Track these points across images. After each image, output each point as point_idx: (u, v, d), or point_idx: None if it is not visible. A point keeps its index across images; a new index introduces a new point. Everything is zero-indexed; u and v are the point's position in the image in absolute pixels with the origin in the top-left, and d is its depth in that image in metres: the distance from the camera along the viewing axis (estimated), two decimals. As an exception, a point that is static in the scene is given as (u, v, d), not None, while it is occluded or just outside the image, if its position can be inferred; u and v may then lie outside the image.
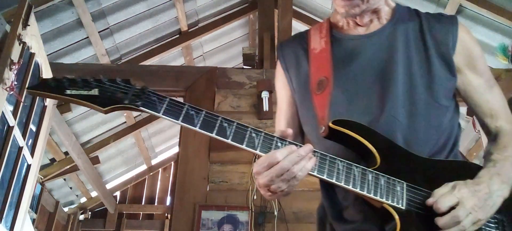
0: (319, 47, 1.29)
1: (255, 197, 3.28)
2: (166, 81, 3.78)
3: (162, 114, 1.01)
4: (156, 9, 4.64)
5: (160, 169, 7.45)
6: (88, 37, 4.35)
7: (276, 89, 1.40)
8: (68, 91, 1.00)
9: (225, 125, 1.02)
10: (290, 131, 1.04)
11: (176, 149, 6.76)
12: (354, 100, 1.18)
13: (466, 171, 1.13)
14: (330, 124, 1.10)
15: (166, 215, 6.99)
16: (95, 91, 1.01)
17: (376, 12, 1.25)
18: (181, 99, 3.74)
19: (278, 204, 3.22)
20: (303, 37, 1.36)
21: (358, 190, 1.03)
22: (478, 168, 1.14)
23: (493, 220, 1.09)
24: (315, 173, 1.01)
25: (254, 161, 3.32)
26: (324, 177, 1.02)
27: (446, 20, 1.27)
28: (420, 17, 1.28)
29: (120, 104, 1.01)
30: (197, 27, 5.24)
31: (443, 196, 1.01)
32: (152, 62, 5.01)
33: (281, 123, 1.35)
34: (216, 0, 5.12)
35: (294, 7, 4.66)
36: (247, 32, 5.90)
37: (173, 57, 5.39)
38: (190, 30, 5.18)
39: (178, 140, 4.79)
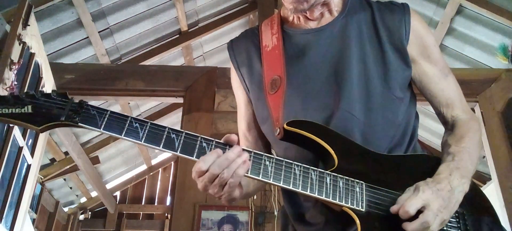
0: (271, 44, 1.25)
1: (255, 197, 3.28)
2: (166, 81, 3.78)
3: (103, 129, 0.95)
4: (156, 9, 4.64)
5: (160, 169, 7.45)
6: (88, 37, 4.34)
7: (233, 89, 1.36)
8: None
9: (173, 136, 0.97)
10: (234, 137, 0.99)
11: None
12: (308, 98, 1.15)
13: (425, 165, 1.12)
14: (285, 126, 1.07)
15: (166, 215, 6.99)
16: (28, 109, 0.94)
17: (326, 4, 1.22)
18: (181, 100, 3.69)
19: (278, 204, 3.22)
20: (255, 33, 1.33)
21: (316, 195, 0.99)
22: (437, 161, 1.13)
23: (454, 214, 1.07)
24: (270, 180, 0.98)
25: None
26: (280, 184, 0.98)
27: (398, 9, 1.24)
28: (372, 7, 1.25)
29: (56, 122, 0.95)
30: (197, 27, 5.23)
31: (409, 200, 0.98)
32: (152, 62, 5.01)
33: (242, 125, 1.32)
34: (216, 0, 5.12)
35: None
36: (247, 32, 5.90)
37: (173, 57, 5.39)
38: (190, 30, 5.18)
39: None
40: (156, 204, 7.20)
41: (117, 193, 7.14)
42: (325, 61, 1.17)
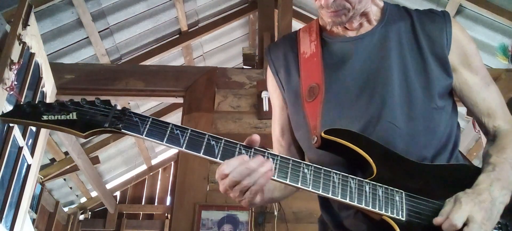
0: (309, 51, 1.24)
1: (255, 197, 3.27)
2: (166, 81, 3.78)
3: (145, 136, 0.97)
4: (156, 9, 4.64)
5: (160, 169, 7.44)
6: (88, 37, 4.35)
7: (269, 93, 1.36)
8: (45, 117, 0.96)
9: (213, 143, 0.99)
10: (256, 139, 0.99)
11: (176, 149, 6.75)
12: (347, 107, 1.14)
13: (466, 175, 1.10)
14: (323, 134, 1.06)
15: (166, 215, 6.98)
16: (73, 115, 0.97)
17: (364, 15, 1.20)
18: (181, 100, 3.70)
19: (278, 204, 3.22)
20: (293, 39, 1.31)
21: (355, 203, 0.99)
22: (477, 171, 1.11)
23: (497, 225, 1.05)
24: (309, 188, 0.98)
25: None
26: (320, 192, 0.98)
27: (439, 18, 1.22)
28: (411, 16, 1.23)
29: (100, 128, 0.97)
30: (197, 27, 5.23)
31: (453, 213, 0.97)
32: (152, 62, 5.01)
33: (276, 129, 1.31)
34: (216, 0, 5.12)
35: (294, 7, 4.66)
36: (247, 32, 5.90)
37: (173, 57, 5.39)
38: (190, 30, 5.18)
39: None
40: (156, 204, 7.20)
41: (117, 193, 7.14)
42: (364, 71, 1.16)
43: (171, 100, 4.16)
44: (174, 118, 5.96)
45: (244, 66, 4.18)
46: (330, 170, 1.01)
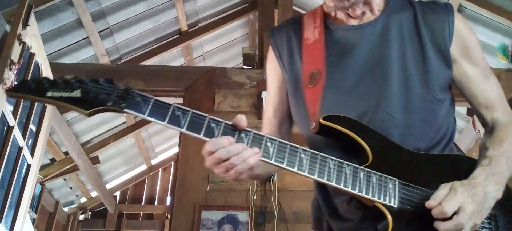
0: (312, 37, 1.25)
1: (255, 197, 3.28)
2: (166, 81, 3.78)
3: (147, 116, 0.97)
4: (156, 9, 4.64)
5: (160, 169, 7.45)
6: (88, 37, 4.35)
7: (266, 73, 1.36)
8: (49, 93, 0.95)
9: (213, 125, 1.00)
10: (241, 118, 1.02)
11: (176, 149, 6.75)
12: (347, 95, 1.15)
13: (460, 165, 1.12)
14: (321, 120, 1.08)
15: (166, 215, 6.99)
16: (77, 93, 0.96)
17: (367, 3, 1.21)
18: (181, 100, 3.70)
19: (278, 204, 3.22)
20: (297, 23, 1.32)
21: (349, 189, 1.01)
22: (472, 162, 1.13)
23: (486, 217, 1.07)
24: (305, 173, 1.00)
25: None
26: (315, 177, 1.00)
27: (441, 9, 1.23)
28: (414, 7, 1.24)
29: (103, 106, 0.97)
30: (197, 27, 5.24)
31: (446, 201, 0.99)
32: (152, 62, 5.02)
33: (269, 110, 1.33)
34: (216, 0, 5.12)
35: (294, 7, 4.66)
36: (247, 32, 5.90)
37: (173, 57, 5.39)
38: (190, 30, 5.18)
39: (178, 140, 4.78)
40: (156, 204, 7.20)
41: (117, 193, 7.14)
42: (364, 59, 1.18)
43: (171, 100, 4.15)
44: (174, 118, 5.95)
45: (244, 66, 4.18)
46: (326, 155, 1.03)
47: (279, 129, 1.31)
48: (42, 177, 5.28)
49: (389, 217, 1.01)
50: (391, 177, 1.05)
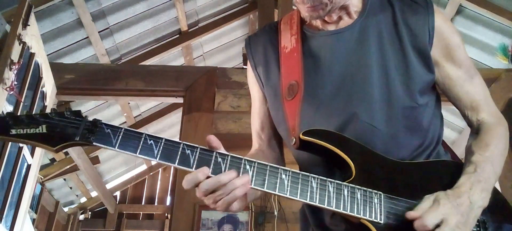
0: (289, 45, 1.21)
1: (255, 197, 3.28)
2: (166, 81, 3.78)
3: (118, 148, 0.93)
4: (156, 9, 4.64)
5: (160, 169, 7.44)
6: (88, 37, 4.35)
7: (249, 85, 1.33)
8: (14, 131, 0.92)
9: (188, 152, 0.96)
10: (213, 139, 0.97)
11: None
12: (326, 107, 1.11)
13: (445, 171, 1.09)
14: (301, 136, 1.04)
15: (166, 215, 6.98)
16: (42, 129, 0.92)
17: (344, 8, 1.16)
18: (181, 100, 3.68)
19: (278, 204, 3.22)
20: (273, 30, 1.28)
21: (333, 208, 0.98)
22: (456, 166, 1.10)
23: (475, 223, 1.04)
24: (287, 195, 0.97)
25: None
26: (297, 198, 0.97)
27: (421, 9, 1.16)
28: (393, 6, 1.18)
29: (71, 142, 0.93)
30: (197, 27, 5.24)
31: (428, 213, 0.96)
32: (152, 62, 5.01)
33: (256, 123, 1.29)
34: (216, 0, 5.12)
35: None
36: (247, 32, 5.90)
37: (173, 57, 5.39)
38: (190, 30, 5.18)
39: (178, 140, 4.78)
40: (156, 204, 7.20)
41: (117, 193, 7.13)
42: (342, 68, 1.13)
43: (171, 100, 4.15)
44: (174, 118, 5.96)
45: (244, 66, 4.18)
46: (308, 174, 1.00)
47: (268, 143, 1.27)
48: (42, 177, 5.28)
49: None
50: (375, 191, 1.02)
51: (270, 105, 1.24)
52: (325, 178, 1.00)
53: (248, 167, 0.97)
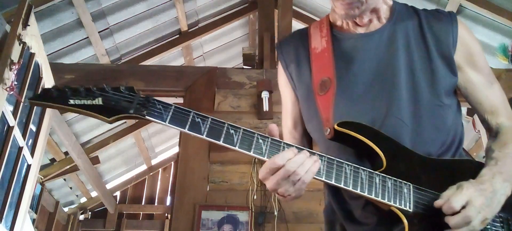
0: (320, 46, 1.28)
1: (255, 197, 3.28)
2: (166, 81, 3.78)
3: (168, 123, 0.99)
4: (156, 9, 4.64)
5: (160, 169, 7.45)
6: (88, 37, 4.35)
7: (279, 88, 1.40)
8: (72, 101, 0.97)
9: (232, 131, 1.02)
10: (274, 127, 1.03)
11: (176, 149, 6.76)
12: (358, 102, 1.18)
13: (470, 169, 1.14)
14: (336, 126, 1.10)
15: (166, 215, 6.99)
16: (99, 101, 0.98)
17: (375, 11, 1.24)
18: (181, 100, 3.69)
19: (278, 204, 3.22)
20: (303, 34, 1.36)
21: (365, 194, 1.03)
22: (480, 166, 1.15)
23: (498, 219, 1.10)
24: (323, 178, 1.02)
25: (254, 162, 3.32)
26: (332, 182, 1.02)
27: (445, 18, 1.27)
28: (419, 15, 1.28)
29: (125, 114, 0.99)
30: (197, 27, 5.24)
31: (454, 196, 1.02)
32: (152, 62, 5.02)
33: (288, 122, 1.35)
34: (216, 0, 5.12)
35: (294, 7, 4.66)
36: (247, 32, 5.90)
37: (173, 57, 5.39)
38: (190, 30, 5.18)
39: (178, 140, 4.78)
40: (156, 204, 7.20)
41: (117, 193, 7.14)
42: (372, 67, 1.20)
43: (171, 100, 4.16)
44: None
45: (244, 66, 4.18)
46: (342, 161, 1.05)
47: (301, 140, 1.34)
48: (42, 177, 5.28)
49: (405, 221, 1.04)
50: (405, 182, 1.08)
51: (302, 102, 1.30)
52: (358, 166, 1.06)
53: (286, 148, 1.01)
